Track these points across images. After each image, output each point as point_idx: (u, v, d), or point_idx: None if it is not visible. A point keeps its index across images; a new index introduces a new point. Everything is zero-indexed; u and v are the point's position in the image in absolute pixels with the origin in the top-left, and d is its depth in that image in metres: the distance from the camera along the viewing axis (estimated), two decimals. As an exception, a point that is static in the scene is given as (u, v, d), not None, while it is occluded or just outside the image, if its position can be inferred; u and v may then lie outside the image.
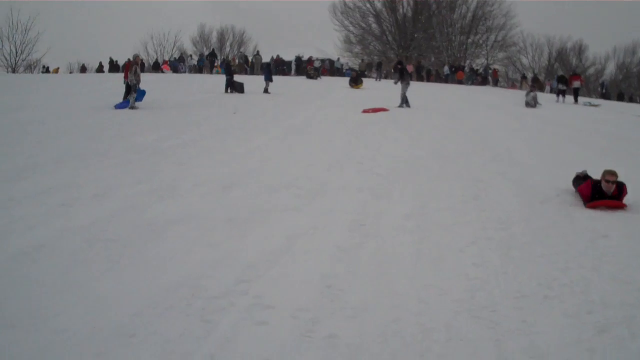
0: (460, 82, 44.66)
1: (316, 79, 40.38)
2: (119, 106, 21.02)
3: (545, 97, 33.12)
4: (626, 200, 9.24)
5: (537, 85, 34.91)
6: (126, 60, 21.60)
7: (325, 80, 38.93)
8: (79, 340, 4.87)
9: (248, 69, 46.60)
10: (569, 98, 31.67)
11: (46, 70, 52.15)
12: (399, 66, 25.27)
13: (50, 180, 10.22)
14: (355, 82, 34.31)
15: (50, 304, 5.53)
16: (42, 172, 10.82)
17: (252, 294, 5.85)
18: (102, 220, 8.07)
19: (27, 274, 6.27)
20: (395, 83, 24.67)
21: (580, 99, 32.15)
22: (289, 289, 5.99)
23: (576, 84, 32.32)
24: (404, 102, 23.81)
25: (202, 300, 5.67)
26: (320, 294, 5.90)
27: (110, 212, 8.47)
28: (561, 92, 31.84)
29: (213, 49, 55.85)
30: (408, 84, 24.14)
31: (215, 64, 48.08)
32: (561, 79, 33.17)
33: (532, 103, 25.88)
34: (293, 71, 47.50)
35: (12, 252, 6.79)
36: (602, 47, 65.64)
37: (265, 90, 28.76)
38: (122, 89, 22.40)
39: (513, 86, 50.20)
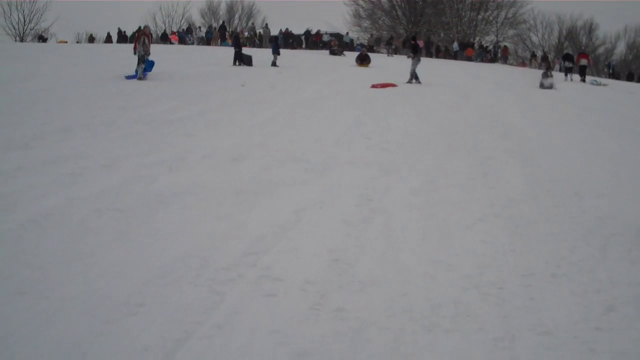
0: (469, 59, 44.41)
1: (340, 55, 37.62)
2: (130, 77, 20.99)
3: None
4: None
5: (545, 63, 34.66)
6: (135, 31, 21.50)
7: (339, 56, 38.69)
8: (89, 307, 4.89)
9: (257, 41, 46.39)
10: (576, 77, 31.44)
11: (43, 39, 51.41)
12: (412, 42, 25.07)
13: (59, 149, 10.22)
14: (362, 60, 31.90)
15: (60, 272, 5.55)
16: (51, 141, 10.81)
17: (260, 266, 5.87)
18: (111, 190, 8.08)
19: (36, 242, 6.29)
20: (409, 57, 24.42)
21: (587, 77, 31.90)
22: (297, 262, 6.01)
23: (583, 62, 31.97)
24: (414, 77, 23.70)
25: (211, 271, 5.69)
26: (328, 267, 5.91)
27: (119, 182, 8.48)
28: (568, 70, 31.62)
29: (223, 22, 55.53)
30: (419, 60, 24.01)
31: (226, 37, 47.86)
32: (567, 57, 32.94)
33: (548, 87, 25.37)
34: (304, 45, 47.34)
35: (21, 221, 6.80)
36: (612, 26, 64.95)
37: (273, 64, 28.66)
38: (131, 59, 22.34)
39: (522, 64, 49.90)
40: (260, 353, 4.34)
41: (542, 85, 25.24)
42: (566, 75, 31.52)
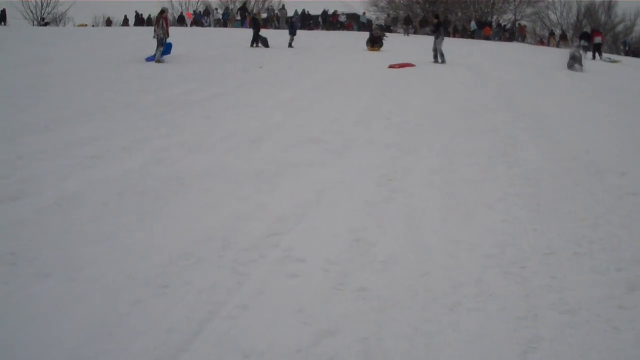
0: (487, 37, 44.12)
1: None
2: (150, 58, 21.06)
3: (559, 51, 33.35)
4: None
5: (563, 42, 34.72)
6: (159, 13, 21.55)
7: (354, 35, 38.53)
8: (113, 288, 4.94)
9: (276, 23, 46.26)
10: (590, 55, 31.52)
11: (44, 23, 50.97)
12: (436, 19, 24.85)
13: (79, 132, 10.28)
14: (373, 43, 28.54)
15: (84, 254, 5.61)
16: (70, 124, 10.88)
17: (282, 246, 5.89)
18: (132, 173, 8.13)
19: (59, 224, 6.35)
20: (436, 36, 24.00)
21: (602, 55, 32.12)
22: (319, 242, 6.03)
23: (597, 39, 32.39)
24: (440, 56, 23.57)
25: (233, 252, 5.72)
26: (350, 247, 5.93)
27: (139, 164, 8.53)
28: (586, 49, 31.65)
29: (244, 3, 55.32)
30: (443, 38, 23.88)
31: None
32: (584, 36, 33.06)
33: (576, 68, 24.93)
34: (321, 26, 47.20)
35: (44, 204, 6.87)
36: (632, 3, 64.20)
37: (290, 45, 28.61)
38: (148, 42, 22.40)
39: (541, 43, 49.52)
40: (285, 332, 4.37)
41: (569, 66, 24.82)
42: (585, 52, 31.48)
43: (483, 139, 10.83)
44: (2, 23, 41.96)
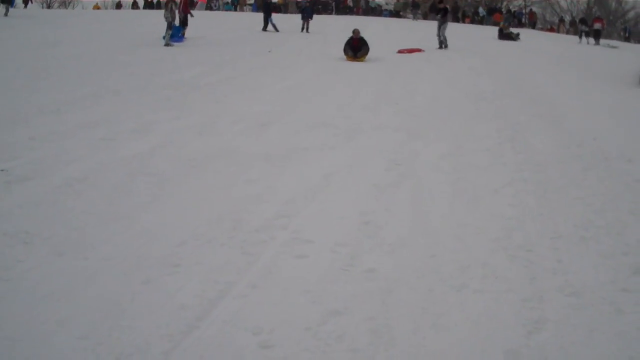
0: (496, 23, 43.93)
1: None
2: (174, 41, 21.22)
3: (574, 39, 34.17)
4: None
5: (573, 29, 35.70)
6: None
7: (360, 20, 38.46)
8: (126, 268, 5.03)
9: (282, 8, 46.11)
10: (591, 40, 32.64)
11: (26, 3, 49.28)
12: (440, 4, 24.80)
13: (90, 114, 10.37)
14: (355, 50, 19.58)
15: (97, 233, 5.70)
16: (82, 106, 10.96)
17: (291, 228, 5.97)
18: (143, 155, 8.21)
19: (72, 205, 6.44)
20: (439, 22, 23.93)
21: (601, 41, 33.30)
22: (328, 224, 6.10)
23: (597, 26, 34.05)
24: (444, 41, 23.52)
25: (243, 233, 5.80)
26: (358, 230, 6.01)
27: (150, 146, 8.61)
28: (584, 33, 33.09)
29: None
30: (447, 24, 23.81)
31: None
32: (583, 21, 34.64)
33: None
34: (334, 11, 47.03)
35: (57, 184, 6.96)
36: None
37: (304, 29, 28.65)
38: (157, 25, 22.46)
39: (551, 29, 49.32)
40: (293, 311, 4.45)
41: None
42: (581, 38, 32.74)
43: (491, 124, 10.87)
44: (25, 6, 41.58)
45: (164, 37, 21.11)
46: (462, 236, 5.95)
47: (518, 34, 31.20)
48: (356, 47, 19.51)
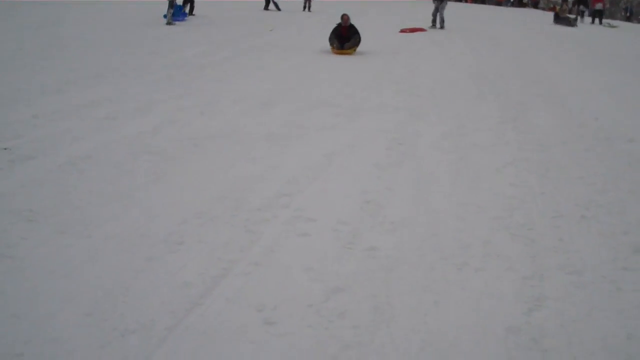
0: (499, 4, 43.80)
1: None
2: (176, 19, 21.17)
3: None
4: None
5: (575, 9, 36.08)
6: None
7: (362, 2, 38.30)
8: (129, 245, 5.06)
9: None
10: (587, 19, 33.09)
11: None
12: None
13: (92, 94, 10.37)
14: (342, 39, 16.61)
15: (100, 212, 5.72)
16: (84, 86, 10.96)
17: (293, 207, 5.99)
18: (146, 134, 8.22)
19: (75, 184, 6.45)
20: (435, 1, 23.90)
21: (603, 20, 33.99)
22: (330, 203, 6.12)
23: (598, 6, 34.54)
24: (441, 22, 23.44)
25: (245, 212, 5.83)
26: (360, 209, 6.03)
27: (152, 125, 8.62)
28: (581, 14, 33.71)
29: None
30: (446, 4, 23.72)
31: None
32: (582, 1, 35.16)
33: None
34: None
35: (60, 163, 6.98)
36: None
37: (305, 8, 28.58)
38: (158, 5, 22.41)
39: (553, 9, 49.12)
40: (296, 288, 4.48)
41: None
42: (581, 18, 33.32)
43: (494, 104, 10.88)
44: None
45: (165, 16, 21.07)
46: (463, 215, 5.97)
47: (575, 19, 31.26)
48: (345, 37, 16.51)
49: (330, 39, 16.61)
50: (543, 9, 49.24)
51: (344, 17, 16.70)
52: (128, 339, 3.82)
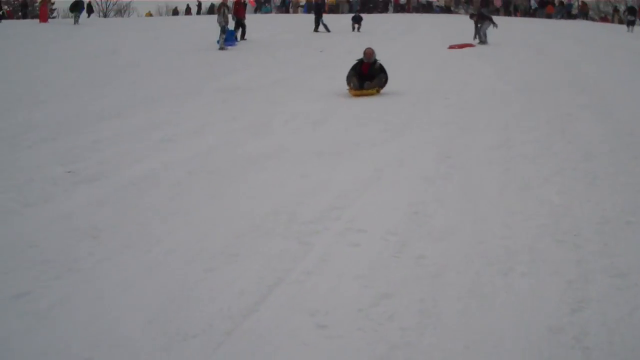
0: (549, 16, 43.50)
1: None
2: (229, 44, 21.76)
3: (623, 28, 33.77)
4: None
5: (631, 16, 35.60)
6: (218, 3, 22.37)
7: (412, 17, 38.52)
8: (189, 258, 5.34)
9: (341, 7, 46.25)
10: (638, 28, 32.67)
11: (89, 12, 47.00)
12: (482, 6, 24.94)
13: (150, 118, 10.82)
14: (362, 80, 13.34)
15: (160, 227, 6.04)
16: (141, 110, 11.43)
17: (344, 219, 6.22)
18: (201, 154, 8.56)
19: (136, 202, 6.80)
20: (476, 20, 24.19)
21: None
22: (379, 215, 6.33)
23: None
24: (484, 36, 23.59)
25: (298, 224, 6.07)
26: (409, 219, 6.22)
27: (207, 147, 8.96)
28: (630, 23, 33.28)
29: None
30: (489, 24, 23.88)
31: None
32: (630, 10, 34.86)
33: None
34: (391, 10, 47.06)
35: (122, 183, 7.35)
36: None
37: (354, 29, 29.01)
38: (211, 30, 22.98)
39: (605, 19, 48.62)
40: (347, 295, 4.70)
41: None
42: (628, 27, 33.01)
43: (542, 116, 10.95)
44: (88, 15, 42.46)
45: (218, 42, 21.60)
46: (510, 223, 6.12)
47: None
48: (366, 76, 13.31)
49: (348, 78, 13.33)
50: (593, 19, 48.80)
51: (367, 52, 13.54)
52: (189, 343, 4.08)
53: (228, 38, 22.02)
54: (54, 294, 4.76)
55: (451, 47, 22.09)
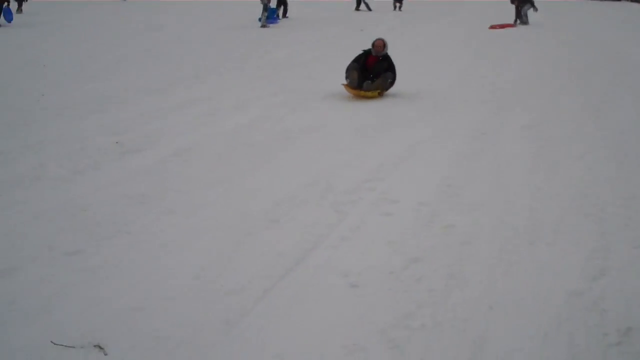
0: (594, -3, 42.98)
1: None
2: (270, 22, 22.01)
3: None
4: None
5: None
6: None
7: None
8: (230, 223, 5.65)
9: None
10: None
11: None
12: None
13: (193, 93, 11.16)
14: (364, 76, 11.03)
15: (203, 195, 6.36)
16: (185, 86, 11.77)
17: (378, 190, 6.48)
18: (242, 128, 8.87)
19: (180, 171, 7.14)
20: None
21: None
22: (412, 187, 6.58)
23: None
24: (525, 17, 23.53)
25: (334, 194, 6.36)
26: (441, 192, 6.47)
27: (248, 120, 9.27)
28: None
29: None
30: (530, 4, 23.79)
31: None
32: None
33: None
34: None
35: (166, 154, 7.69)
36: None
37: (396, 8, 29.02)
38: (252, 8, 23.27)
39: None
40: (379, 259, 4.98)
41: None
42: None
43: (579, 96, 11.08)
44: None
45: (259, 19, 21.89)
46: (539, 197, 6.33)
47: None
48: (370, 71, 11.09)
49: (348, 70, 11.02)
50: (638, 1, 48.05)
51: (377, 44, 11.30)
52: (230, 298, 4.40)
53: (270, 16, 22.29)
54: (104, 253, 5.11)
55: (492, 27, 22.12)
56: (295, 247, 5.18)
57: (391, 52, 11.37)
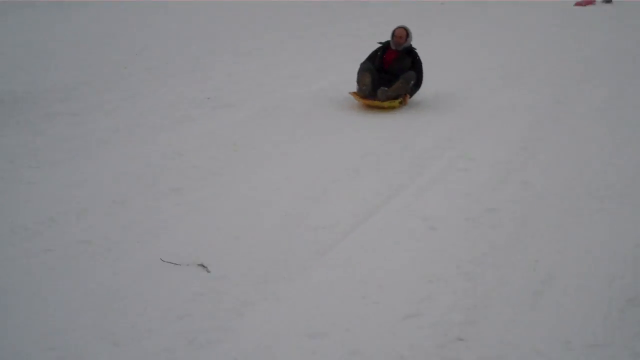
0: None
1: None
2: None
3: None
4: None
5: None
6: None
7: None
8: (318, 172, 6.11)
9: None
10: None
11: None
12: None
13: (278, 57, 11.71)
14: (380, 78, 8.45)
15: (291, 147, 6.86)
16: (270, 50, 12.30)
17: (458, 149, 6.82)
18: (324, 89, 9.24)
19: (269, 125, 7.63)
20: None
21: None
22: (490, 147, 6.89)
23: None
24: None
25: (416, 151, 6.72)
26: (517, 152, 6.76)
27: (329, 83, 9.60)
28: None
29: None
30: None
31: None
32: None
33: None
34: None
35: (255, 110, 8.18)
36: None
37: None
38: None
39: None
40: (456, 207, 5.35)
41: None
42: None
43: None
44: None
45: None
46: (613, 161, 6.56)
47: None
48: (387, 72, 8.62)
49: (360, 73, 8.63)
50: None
51: (397, 33, 8.88)
52: (320, 232, 4.86)
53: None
54: (202, 191, 5.66)
55: (577, 4, 21.96)
56: (378, 194, 5.59)
57: (474, 26, 11.53)
